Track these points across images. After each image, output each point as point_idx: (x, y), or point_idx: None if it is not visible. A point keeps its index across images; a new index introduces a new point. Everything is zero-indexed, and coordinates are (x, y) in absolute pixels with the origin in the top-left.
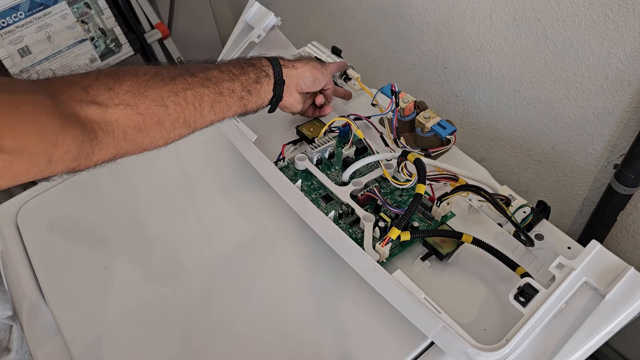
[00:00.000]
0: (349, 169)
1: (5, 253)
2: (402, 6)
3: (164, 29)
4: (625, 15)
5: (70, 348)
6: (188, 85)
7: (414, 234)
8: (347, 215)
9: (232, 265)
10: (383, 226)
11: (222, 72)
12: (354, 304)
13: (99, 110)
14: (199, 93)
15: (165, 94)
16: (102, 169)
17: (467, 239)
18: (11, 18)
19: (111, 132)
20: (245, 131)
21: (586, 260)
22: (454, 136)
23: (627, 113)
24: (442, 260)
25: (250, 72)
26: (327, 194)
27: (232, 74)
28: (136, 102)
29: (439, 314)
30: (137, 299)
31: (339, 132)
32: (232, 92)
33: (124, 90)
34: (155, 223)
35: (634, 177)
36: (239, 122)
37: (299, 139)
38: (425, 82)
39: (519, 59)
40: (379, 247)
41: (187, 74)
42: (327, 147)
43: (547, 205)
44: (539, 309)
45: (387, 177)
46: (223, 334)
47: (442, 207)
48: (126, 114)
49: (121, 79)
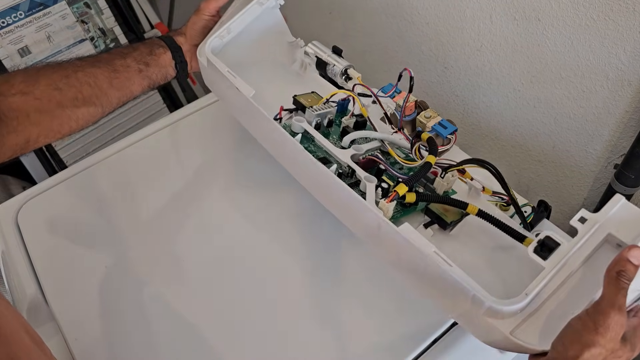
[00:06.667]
0: (349, 135)
1: (5, 253)
2: (402, 6)
3: (164, 29)
4: (626, 15)
5: (71, 348)
6: (78, 67)
7: (420, 197)
8: (346, 177)
9: (232, 265)
10: (386, 187)
11: (111, 53)
12: (357, 304)
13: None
14: (91, 72)
15: (57, 78)
16: (102, 169)
17: (472, 210)
18: (11, 18)
19: (15, 116)
20: (241, 86)
21: (610, 213)
22: (455, 136)
23: (627, 113)
24: (446, 229)
25: (141, 48)
26: (324, 157)
27: (122, 53)
28: (31, 89)
29: (451, 267)
30: (138, 298)
31: (337, 106)
32: (128, 67)
33: (18, 81)
34: (156, 222)
35: (634, 177)
36: (236, 77)
37: (295, 108)
38: (425, 82)
39: (519, 59)
40: (384, 203)
41: (76, 59)
42: (327, 112)
43: (548, 204)
44: (560, 262)
45: (391, 153)
46: (223, 333)
47: (446, 178)
48: (24, 100)
49: (15, 74)
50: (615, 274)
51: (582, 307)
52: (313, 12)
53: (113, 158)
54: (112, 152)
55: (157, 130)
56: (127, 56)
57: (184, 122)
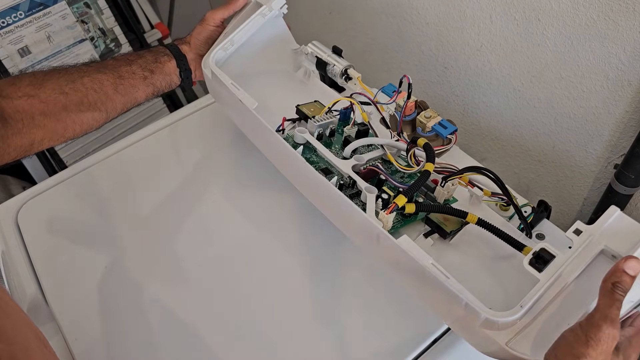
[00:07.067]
0: (351, 144)
1: (5, 253)
2: (402, 6)
3: (163, 28)
4: (626, 15)
5: (71, 347)
6: (84, 73)
7: (420, 208)
8: (347, 188)
9: (232, 265)
10: (386, 197)
11: (116, 60)
12: (357, 304)
13: (5, 101)
14: (97, 78)
15: (63, 82)
16: (102, 169)
17: (472, 219)
18: (11, 18)
19: (20, 118)
20: (245, 99)
21: (605, 225)
22: (455, 136)
23: (627, 113)
24: (446, 238)
25: (146, 55)
26: (326, 168)
27: (128, 59)
28: (37, 93)
29: (448, 279)
30: (138, 298)
31: (340, 115)
32: (133, 74)
33: (25, 84)
34: (156, 222)
35: (634, 177)
36: (239, 89)
37: (299, 118)
38: (425, 82)
39: (519, 59)
40: (383, 214)
41: (82, 65)
42: (329, 123)
43: (548, 205)
44: (554, 274)
45: (392, 160)
46: (224, 333)
47: (446, 187)
48: (30, 103)
49: (21, 77)
50: (610, 285)
51: (577, 318)
52: (313, 12)
53: (113, 158)
54: (112, 152)
55: (157, 130)
56: (132, 63)
57: (184, 122)
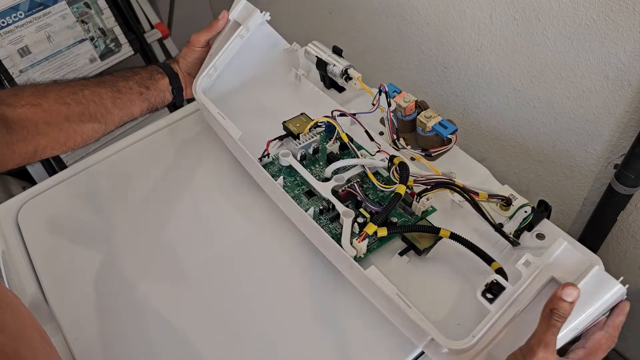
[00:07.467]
0: (330, 166)
1: (5, 252)
2: (402, 6)
3: (163, 28)
4: (625, 15)
5: (71, 347)
6: (84, 86)
7: (391, 230)
8: (327, 211)
9: (232, 265)
10: (362, 222)
11: (114, 76)
12: (357, 304)
13: (9, 109)
14: (97, 92)
15: (65, 94)
16: (102, 169)
17: (444, 234)
18: (11, 18)
19: (24, 126)
20: (229, 128)
21: (552, 258)
22: (455, 136)
23: (627, 113)
24: (420, 255)
25: (142, 72)
26: (309, 190)
27: (125, 76)
28: (39, 102)
29: (409, 309)
30: (138, 298)
31: (325, 127)
32: (130, 89)
33: (27, 94)
34: (156, 222)
35: (634, 177)
36: (225, 119)
37: (286, 134)
38: (425, 82)
39: (519, 59)
40: (356, 243)
41: (81, 79)
42: (311, 143)
43: (548, 204)
44: (504, 305)
45: (373, 180)
46: (224, 333)
47: (421, 202)
48: (33, 111)
49: (23, 88)
50: (548, 311)
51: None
52: (313, 12)
53: (113, 158)
54: (112, 152)
55: (157, 130)
56: (129, 79)
57: (184, 122)
